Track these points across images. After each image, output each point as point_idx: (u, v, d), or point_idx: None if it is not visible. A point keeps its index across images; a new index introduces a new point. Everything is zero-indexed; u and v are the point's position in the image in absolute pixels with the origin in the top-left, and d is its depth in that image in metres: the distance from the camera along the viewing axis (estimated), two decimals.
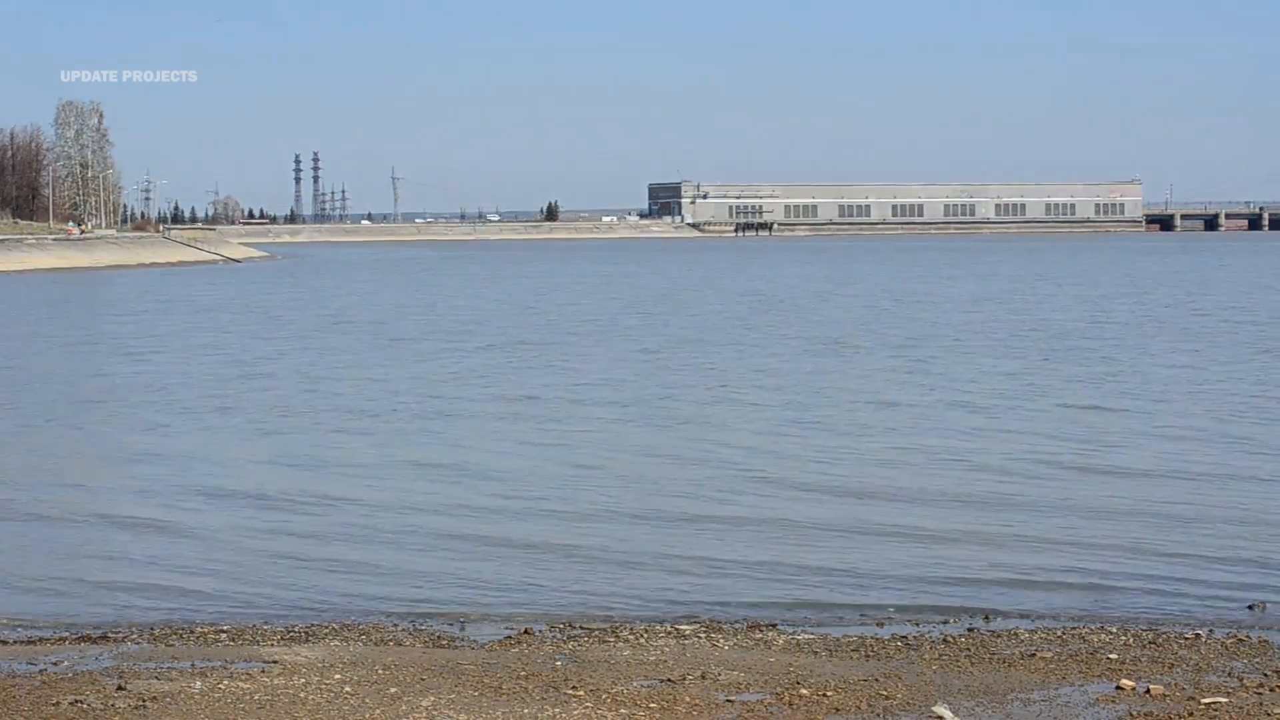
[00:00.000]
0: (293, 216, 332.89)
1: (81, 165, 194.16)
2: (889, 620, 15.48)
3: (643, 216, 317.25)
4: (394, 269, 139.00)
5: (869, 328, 57.52)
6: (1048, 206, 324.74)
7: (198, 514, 21.63)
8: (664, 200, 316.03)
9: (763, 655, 13.63)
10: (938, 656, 13.60)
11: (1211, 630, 14.75)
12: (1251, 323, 57.95)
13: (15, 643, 14.71)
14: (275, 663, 13.23)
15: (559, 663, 13.32)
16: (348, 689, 12.30)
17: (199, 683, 12.50)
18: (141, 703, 11.89)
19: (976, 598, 16.40)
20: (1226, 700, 11.79)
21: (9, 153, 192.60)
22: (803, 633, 14.82)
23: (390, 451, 27.04)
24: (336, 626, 15.36)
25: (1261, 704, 11.69)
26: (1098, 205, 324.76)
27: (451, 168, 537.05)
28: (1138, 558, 18.13)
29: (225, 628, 15.34)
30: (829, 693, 12.19)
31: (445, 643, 14.52)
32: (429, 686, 12.41)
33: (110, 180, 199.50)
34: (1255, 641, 14.17)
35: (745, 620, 15.50)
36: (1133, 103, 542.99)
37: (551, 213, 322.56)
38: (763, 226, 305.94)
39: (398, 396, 35.71)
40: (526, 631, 14.96)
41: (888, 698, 12.08)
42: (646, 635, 14.66)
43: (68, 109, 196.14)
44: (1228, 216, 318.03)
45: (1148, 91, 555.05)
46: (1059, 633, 14.69)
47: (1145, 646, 13.95)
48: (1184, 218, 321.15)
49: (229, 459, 26.62)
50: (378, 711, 11.65)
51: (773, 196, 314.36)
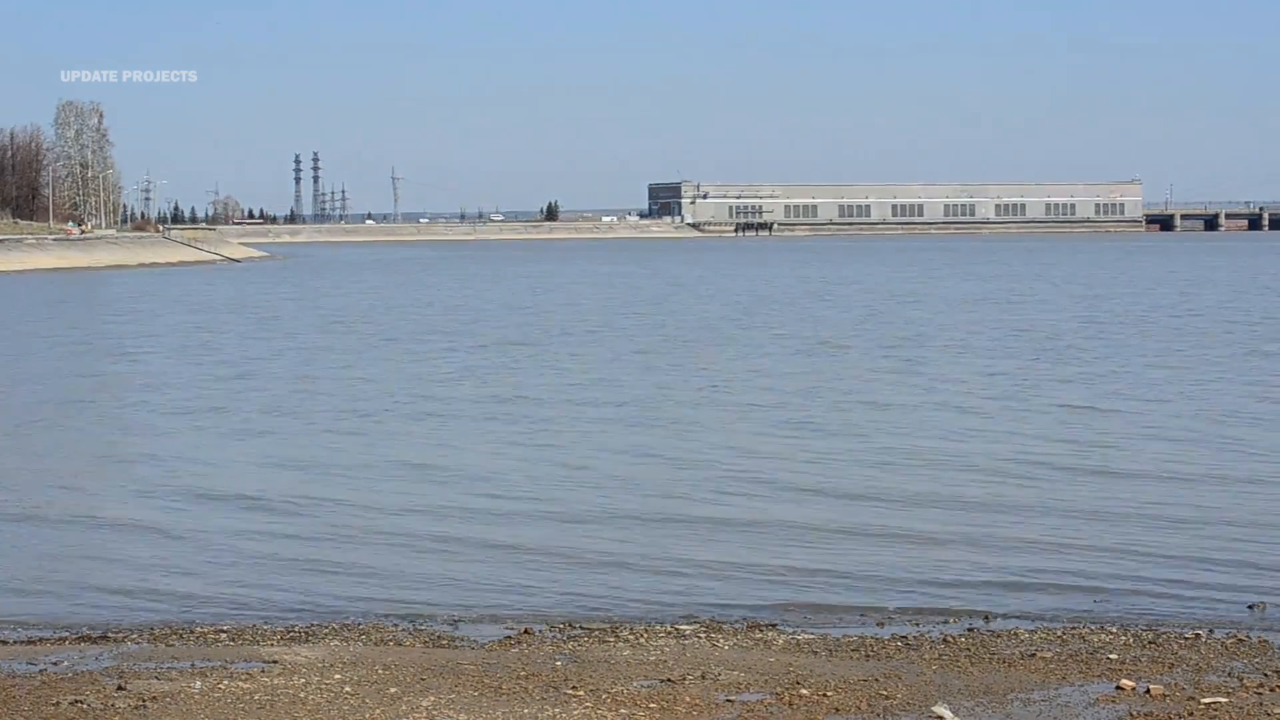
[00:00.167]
0: (293, 216, 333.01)
1: (81, 165, 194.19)
2: (889, 620, 15.47)
3: (643, 216, 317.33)
4: (393, 269, 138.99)
5: (865, 328, 57.50)
6: (1048, 206, 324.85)
7: (196, 515, 21.63)
8: (664, 200, 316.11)
9: (763, 655, 13.62)
10: (938, 656, 13.60)
11: (1211, 630, 14.75)
12: (1245, 323, 57.92)
13: (15, 643, 14.71)
14: (275, 663, 13.23)
15: (559, 663, 13.32)
16: (348, 689, 12.30)
17: (199, 683, 12.50)
18: (141, 703, 11.90)
19: (976, 598, 16.39)
20: (1226, 700, 11.79)
21: (9, 153, 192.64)
22: (803, 633, 14.81)
23: (389, 452, 27.04)
24: (336, 626, 15.36)
25: (1261, 704, 11.69)
26: (1098, 205, 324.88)
27: (451, 168, 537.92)
28: (1137, 558, 18.13)
29: (225, 628, 15.34)
30: (829, 693, 12.19)
31: (445, 643, 14.52)
32: (429, 686, 12.41)
33: (110, 180, 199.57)
34: (1255, 641, 14.17)
35: (745, 620, 15.50)
36: (1133, 103, 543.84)
37: (551, 213, 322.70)
38: (763, 226, 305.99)
39: (394, 397, 35.71)
40: (526, 631, 14.96)
41: (888, 698, 12.08)
42: (646, 635, 14.66)
43: (68, 109, 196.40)
44: (1228, 216, 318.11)
45: (1148, 91, 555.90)
46: (1059, 633, 14.69)
47: (1145, 646, 13.95)
48: (1184, 218, 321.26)
49: (227, 460, 26.62)
50: (378, 711, 11.65)
51: (773, 196, 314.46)
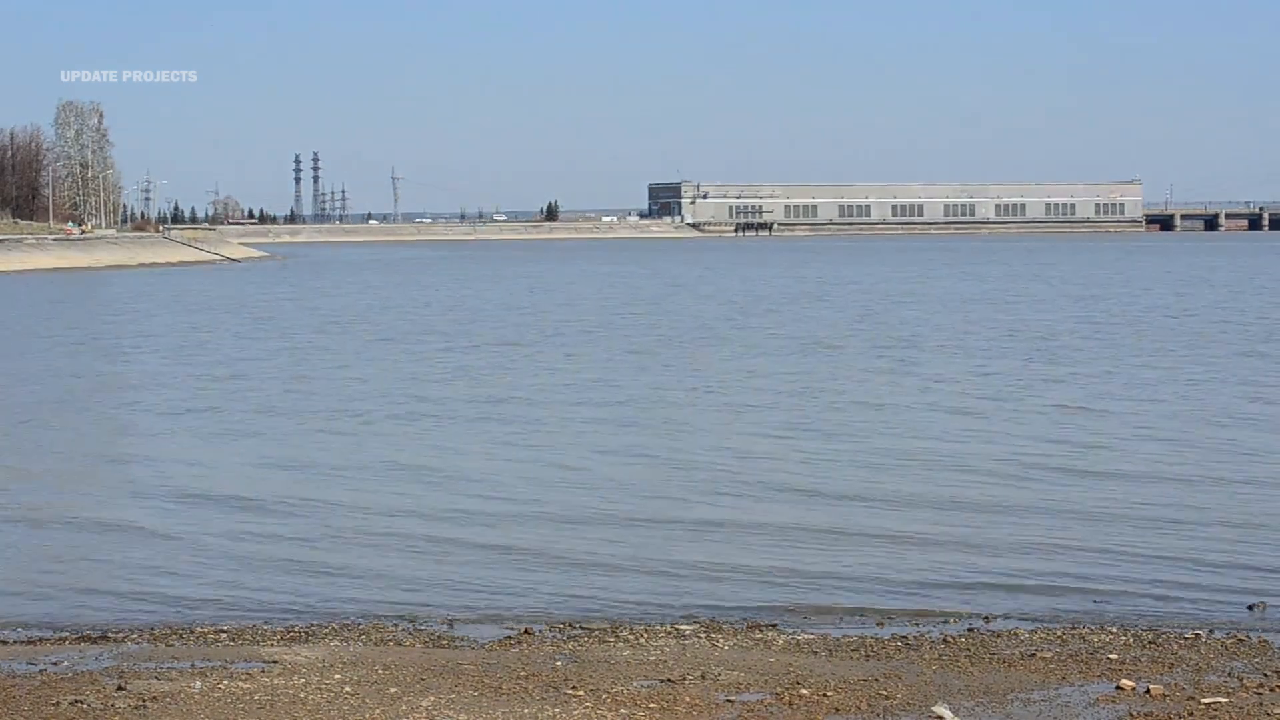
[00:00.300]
0: (293, 216, 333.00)
1: (81, 165, 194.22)
2: (889, 620, 15.47)
3: (643, 216, 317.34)
4: (392, 269, 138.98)
5: (863, 328, 57.49)
6: (1048, 206, 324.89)
7: (195, 516, 21.61)
8: (664, 200, 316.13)
9: (763, 655, 13.62)
10: (938, 656, 13.60)
11: (1211, 630, 14.75)
12: (1238, 324, 57.88)
13: (15, 643, 14.72)
14: (275, 663, 13.23)
15: (559, 663, 13.31)
16: (348, 689, 12.30)
17: (199, 683, 12.50)
18: (141, 703, 11.89)
19: (976, 599, 16.38)
20: (1226, 700, 11.79)
21: (9, 153, 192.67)
22: (803, 633, 14.81)
23: (388, 454, 27.03)
24: (336, 626, 15.36)
25: (1261, 704, 11.69)
26: (1098, 205, 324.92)
27: (451, 168, 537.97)
28: (1136, 559, 18.12)
29: (225, 628, 15.34)
30: (829, 693, 12.19)
31: (445, 643, 14.52)
32: (429, 686, 12.41)
33: (110, 180, 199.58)
34: (1255, 641, 14.17)
35: (745, 620, 15.49)
36: (1133, 103, 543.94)
37: (551, 213, 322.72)
38: (763, 226, 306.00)
39: (392, 398, 35.69)
40: (526, 631, 14.96)
41: (888, 698, 12.08)
42: (646, 635, 14.65)
43: (68, 109, 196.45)
44: (1228, 216, 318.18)
45: (1148, 91, 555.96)
46: (1059, 633, 14.68)
47: (1145, 646, 13.95)
48: (1184, 218, 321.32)
49: (225, 461, 26.62)
50: (378, 711, 11.65)
51: (773, 196, 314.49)
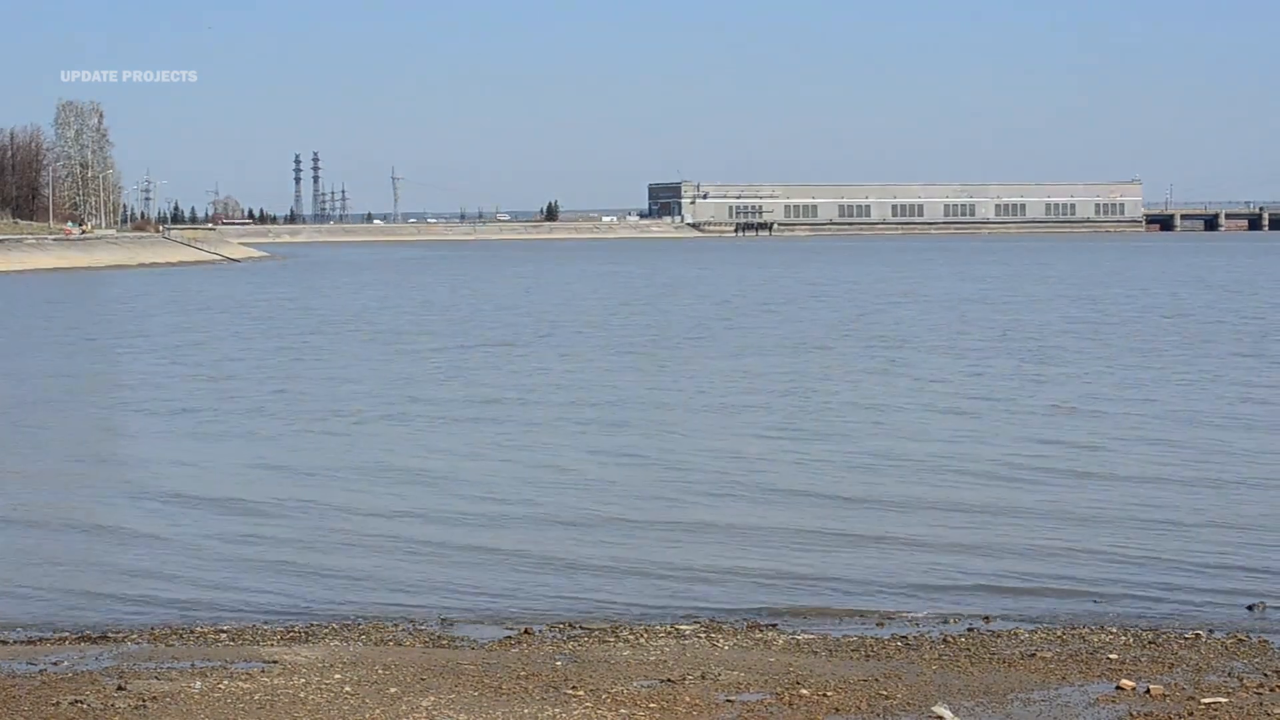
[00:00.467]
0: (293, 216, 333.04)
1: (81, 165, 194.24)
2: (889, 620, 15.47)
3: (643, 216, 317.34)
4: (392, 269, 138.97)
5: (860, 329, 57.49)
6: (1048, 206, 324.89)
7: (195, 517, 21.60)
8: (664, 200, 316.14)
9: (763, 655, 13.62)
10: (938, 656, 13.60)
11: (1211, 630, 14.74)
12: (1234, 325, 57.86)
13: (15, 643, 14.71)
14: (275, 663, 13.23)
15: (559, 663, 13.31)
16: (348, 689, 12.29)
17: (199, 683, 12.50)
18: (141, 703, 11.89)
19: (975, 600, 16.38)
20: (1226, 700, 11.79)
21: (9, 153, 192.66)
22: (803, 633, 14.81)
23: (387, 455, 27.02)
24: (336, 626, 15.36)
25: (1261, 704, 11.69)
26: (1098, 205, 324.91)
27: (451, 168, 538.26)
28: (1136, 559, 18.11)
29: (225, 628, 15.34)
30: (829, 693, 12.19)
31: (445, 643, 14.51)
32: (429, 686, 12.41)
33: (110, 180, 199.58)
34: (1255, 642, 14.16)
35: (745, 620, 15.49)
36: (1133, 102, 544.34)
37: (551, 213, 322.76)
38: (763, 226, 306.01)
39: (390, 398, 35.69)
40: (526, 631, 14.96)
41: (888, 698, 12.08)
42: (646, 635, 14.65)
43: (68, 109, 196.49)
44: (1228, 216, 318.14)
45: (1148, 91, 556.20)
46: (1059, 633, 14.68)
47: (1145, 646, 13.94)
48: (1184, 218, 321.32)
49: (223, 461, 26.61)
50: (378, 711, 11.65)
51: (773, 196, 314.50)
